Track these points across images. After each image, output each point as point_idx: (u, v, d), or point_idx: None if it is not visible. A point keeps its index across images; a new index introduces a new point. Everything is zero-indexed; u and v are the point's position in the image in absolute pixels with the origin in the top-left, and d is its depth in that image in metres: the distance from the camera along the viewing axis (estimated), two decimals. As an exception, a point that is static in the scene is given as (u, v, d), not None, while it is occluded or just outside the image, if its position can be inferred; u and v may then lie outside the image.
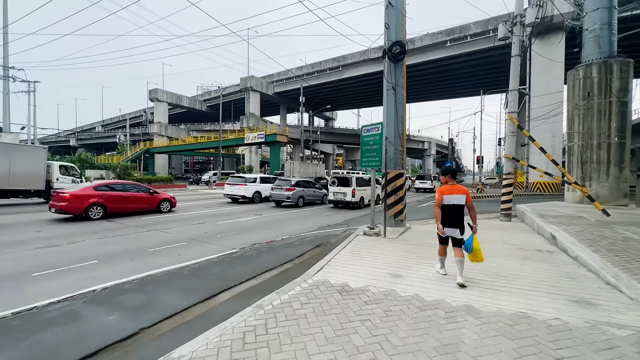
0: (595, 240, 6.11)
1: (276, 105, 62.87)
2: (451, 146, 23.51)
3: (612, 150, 13.47)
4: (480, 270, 4.58)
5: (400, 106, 8.72)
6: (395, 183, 8.68)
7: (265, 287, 4.43)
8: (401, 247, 6.16)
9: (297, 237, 8.35)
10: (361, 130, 7.90)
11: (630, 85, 13.48)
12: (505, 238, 7.41)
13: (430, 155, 73.64)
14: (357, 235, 7.48)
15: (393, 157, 8.76)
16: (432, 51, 37.88)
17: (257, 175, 17.33)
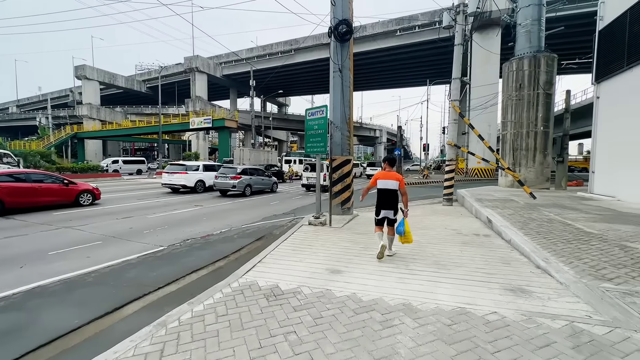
0: (526, 222, 6.42)
1: (225, 89, 59.44)
2: (400, 134, 24.18)
3: (538, 139, 14.74)
4: (423, 259, 4.42)
5: (347, 89, 8.34)
6: (342, 170, 8.37)
7: (186, 292, 3.78)
8: (345, 238, 5.86)
9: (238, 229, 7.68)
10: (305, 114, 7.38)
11: (554, 79, 14.74)
12: (447, 223, 7.56)
13: (381, 142, 76.12)
14: (302, 226, 7.05)
15: (340, 142, 8.41)
16: (384, 39, 38.35)
17: (199, 163, 15.99)
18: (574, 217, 7.06)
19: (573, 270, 3.60)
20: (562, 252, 4.32)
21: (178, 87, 60.29)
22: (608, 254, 4.20)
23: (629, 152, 9.66)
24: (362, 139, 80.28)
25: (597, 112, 11.60)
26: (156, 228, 7.60)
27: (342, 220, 7.64)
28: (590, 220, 6.67)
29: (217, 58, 51.96)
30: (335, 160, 8.41)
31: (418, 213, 9.33)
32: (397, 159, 4.90)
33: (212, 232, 7.28)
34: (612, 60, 10.69)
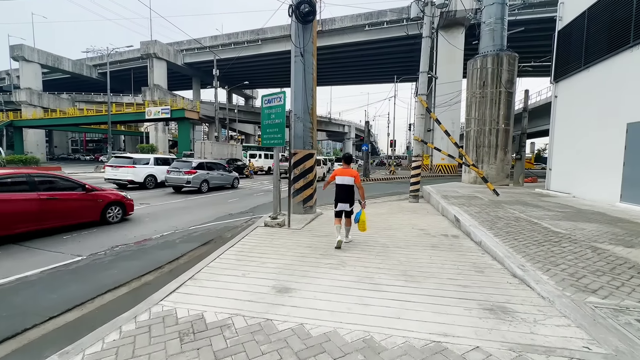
0: (493, 222, 6.13)
1: (188, 79, 56.07)
2: (367, 129, 23.92)
3: (499, 136, 15.03)
4: (389, 268, 3.84)
5: (310, 76, 7.60)
6: (304, 165, 7.65)
7: (87, 324, 2.87)
8: (304, 242, 5.16)
9: (183, 232, 6.69)
10: (261, 101, 6.53)
11: (515, 78, 15.06)
12: (414, 222, 7.14)
13: (350, 138, 76.48)
14: (257, 228, 6.24)
15: (302, 135, 7.67)
16: (352, 33, 37.96)
17: (150, 156, 14.45)
18: (538, 215, 6.93)
19: (553, 280, 3.19)
20: (536, 256, 3.95)
21: (135, 74, 55.82)
22: (583, 258, 3.88)
23: (584, 151, 9.93)
24: (331, 134, 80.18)
25: (555, 111, 11.90)
26: (82, 232, 6.39)
27: (303, 221, 6.93)
28: (555, 218, 6.55)
29: (178, 45, 48.67)
30: (297, 155, 7.67)
31: (384, 211, 8.88)
32: (352, 157, 5.75)
33: (151, 237, 6.24)
34: (570, 60, 10.94)
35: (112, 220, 7.23)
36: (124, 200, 7.55)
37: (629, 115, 8.14)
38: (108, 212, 7.15)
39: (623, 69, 8.40)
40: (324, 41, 39.40)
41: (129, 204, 7.66)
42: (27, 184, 5.83)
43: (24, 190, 5.74)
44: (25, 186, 5.78)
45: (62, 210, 6.25)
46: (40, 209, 5.86)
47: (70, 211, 6.44)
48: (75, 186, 6.65)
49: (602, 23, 9.26)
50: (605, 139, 8.96)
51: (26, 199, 5.69)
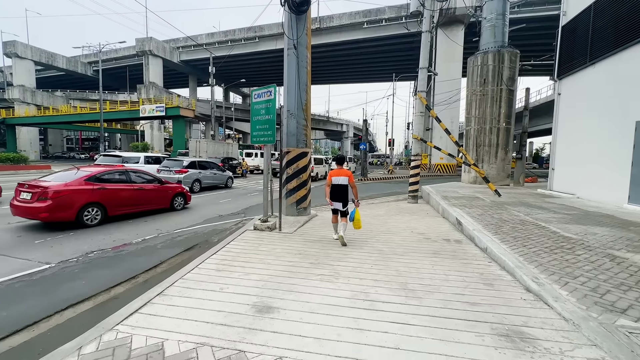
0: (498, 225, 5.73)
1: (184, 76, 55.47)
2: (365, 127, 23.52)
3: (500, 135, 14.66)
4: (386, 280, 3.43)
5: (303, 70, 7.17)
6: (297, 164, 7.23)
7: (34, 347, 2.45)
8: (294, 247, 4.74)
9: (167, 236, 6.25)
10: (250, 96, 6.09)
11: (516, 75, 14.68)
12: (413, 224, 6.74)
13: (348, 137, 76.08)
14: (245, 232, 5.82)
15: (295, 132, 7.24)
16: (350, 31, 37.51)
17: (140, 154, 13.97)
18: (544, 217, 6.55)
19: (573, 297, 2.79)
20: (549, 266, 3.55)
21: (131, 71, 55.14)
22: (602, 269, 3.49)
23: (589, 150, 9.56)
24: (329, 133, 79.76)
25: (558, 109, 11.53)
26: (57, 236, 5.94)
27: (295, 223, 6.51)
28: (562, 221, 6.17)
29: (174, 42, 48.05)
30: (290, 153, 7.24)
31: (382, 212, 8.48)
32: (345, 158, 5.82)
33: (131, 241, 5.80)
34: (574, 57, 10.56)
35: (177, 208, 8.89)
36: (186, 192, 9.24)
37: (638, 112, 7.76)
38: (174, 201, 8.75)
39: (632, 64, 8.03)
40: (321, 39, 38.96)
41: (188, 195, 9.35)
42: (125, 176, 7.65)
43: (124, 181, 7.54)
44: (124, 177, 7.59)
45: (146, 198, 8.00)
46: (133, 196, 7.65)
47: (151, 199, 8.14)
48: (153, 179, 8.38)
49: (609, 17, 8.88)
50: (612, 137, 8.59)
51: (125, 188, 7.48)
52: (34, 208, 6.00)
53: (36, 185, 6.21)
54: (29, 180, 6.64)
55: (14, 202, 6.27)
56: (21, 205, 6.12)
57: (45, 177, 6.85)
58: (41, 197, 6.02)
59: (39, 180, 6.53)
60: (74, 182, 6.51)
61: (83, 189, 6.56)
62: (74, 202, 6.34)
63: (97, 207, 6.76)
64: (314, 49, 40.89)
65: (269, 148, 5.99)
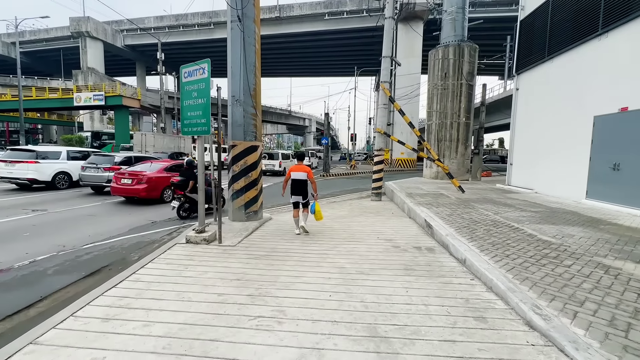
0: (471, 228, 5.14)
1: (131, 63, 50.47)
2: (327, 121, 22.74)
3: (460, 130, 14.61)
4: (351, 321, 2.52)
5: (251, 48, 6.01)
6: (245, 160, 6.10)
7: None
8: (233, 269, 3.68)
9: (71, 253, 4.82)
10: (180, 74, 4.84)
11: (475, 70, 14.68)
12: (379, 228, 5.97)
13: (310, 132, 75.28)
14: (175, 245, 4.61)
15: (242, 122, 6.09)
16: (312, 22, 36.39)
17: (62, 149, 11.73)
18: (514, 216, 6.14)
19: (595, 339, 2.10)
20: (545, 286, 2.90)
21: (66, 55, 48.93)
22: (603, 287, 2.92)
23: (547, 145, 9.57)
24: (291, 127, 78.36)
25: (516, 104, 11.55)
26: None
27: (242, 232, 5.41)
28: (533, 220, 5.78)
29: (118, 24, 43.31)
30: (236, 147, 6.08)
31: (344, 212, 7.65)
32: (304, 154, 6.09)
33: (13, 265, 4.31)
34: (532, 51, 10.53)
35: None
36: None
37: (596, 107, 7.72)
38: None
39: (590, 59, 7.97)
40: (281, 29, 37.40)
41: None
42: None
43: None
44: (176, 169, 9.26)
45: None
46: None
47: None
48: None
49: (567, 11, 8.81)
50: (571, 132, 8.57)
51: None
52: (135, 189, 8.57)
53: (134, 173, 8.74)
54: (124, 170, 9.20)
55: (115, 186, 8.79)
56: (123, 187, 8.67)
57: (133, 167, 9.50)
58: (140, 181, 8.62)
59: (133, 171, 8.93)
60: (158, 171, 9.02)
61: (163, 176, 9.04)
62: (159, 185, 8.93)
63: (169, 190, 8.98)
64: (274, 39, 39.21)
65: (202, 141, 4.79)
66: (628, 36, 6.90)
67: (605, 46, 7.49)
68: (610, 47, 7.34)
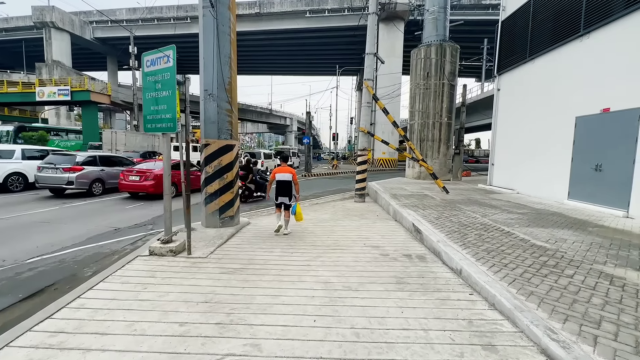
0: (462, 233, 4.86)
1: (102, 58, 47.85)
2: (309, 120, 22.29)
3: (442, 130, 14.58)
4: (341, 357, 2.09)
5: (225, 38, 5.48)
6: (219, 160, 5.56)
7: None
8: (201, 288, 3.17)
9: (10, 269, 4.12)
10: (142, 62, 4.24)
11: (457, 70, 14.69)
12: (365, 233, 5.61)
13: (292, 131, 74.47)
14: (136, 258, 4.03)
15: (216, 119, 5.54)
16: (293, 19, 35.77)
17: (16, 147, 10.64)
18: (502, 219, 5.95)
19: (624, 371, 1.77)
20: (553, 302, 2.62)
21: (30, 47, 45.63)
22: (614, 302, 2.67)
23: (528, 146, 9.57)
24: (272, 126, 77.22)
25: (498, 104, 11.58)
26: None
27: (216, 239, 4.88)
28: (522, 223, 5.60)
29: (86, 15, 40.89)
30: (209, 147, 5.53)
31: (327, 216, 7.25)
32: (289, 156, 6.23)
33: None
34: (514, 52, 10.55)
35: None
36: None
37: (578, 108, 7.72)
38: None
39: (572, 60, 7.98)
40: (262, 25, 36.56)
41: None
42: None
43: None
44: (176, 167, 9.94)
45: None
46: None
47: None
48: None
49: (549, 11, 8.82)
50: (553, 133, 8.57)
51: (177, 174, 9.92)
52: (143, 185, 9.32)
53: (142, 171, 9.51)
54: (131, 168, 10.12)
55: (123, 182, 9.46)
56: (131, 183, 9.39)
57: (140, 165, 10.28)
58: (148, 178, 9.34)
59: (141, 169, 9.73)
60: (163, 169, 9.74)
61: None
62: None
63: (174, 186, 9.61)
64: (254, 35, 38.27)
65: (168, 139, 4.22)
66: (610, 37, 6.90)
67: (587, 47, 7.50)
68: (593, 47, 7.34)
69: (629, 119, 6.38)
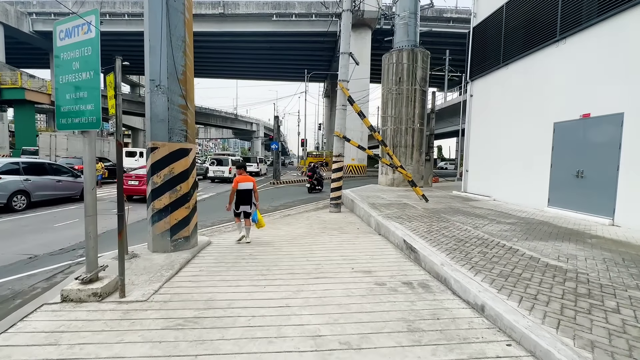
0: (463, 251, 4.21)
1: (43, 54, 43.08)
2: (277, 125, 21.26)
3: (415, 136, 14.34)
4: None
5: (178, 16, 4.42)
6: (171, 168, 4.44)
7: None
8: (134, 359, 2.10)
9: None
10: (54, 35, 3.09)
11: (428, 76, 14.60)
12: (349, 252, 4.79)
13: (258, 137, 72.62)
14: (42, 306, 2.83)
15: (165, 116, 4.43)
16: (259, 22, 34.71)
17: None
18: (495, 231, 5.45)
19: None
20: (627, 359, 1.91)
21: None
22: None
23: (505, 152, 9.43)
24: (238, 132, 74.84)
25: (471, 110, 11.48)
26: None
27: (164, 270, 3.76)
28: (519, 236, 5.12)
29: (24, 5, 36.60)
30: (158, 151, 4.40)
31: (302, 231, 6.35)
32: (245, 165, 5.81)
33: None
34: (486, 58, 10.49)
35: None
36: None
37: (556, 114, 7.60)
38: None
39: (548, 65, 7.89)
40: (227, 26, 35.06)
41: None
42: None
43: None
44: None
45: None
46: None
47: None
48: None
49: (522, 17, 8.77)
50: (530, 139, 8.43)
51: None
52: (143, 189, 9.87)
53: (140, 175, 10.50)
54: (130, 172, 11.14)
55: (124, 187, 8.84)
56: (131, 187, 10.35)
57: (139, 169, 11.46)
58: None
59: (138, 174, 10.66)
60: None
61: None
62: None
63: None
64: (218, 36, 36.56)
65: (92, 138, 3.07)
66: (587, 42, 6.82)
67: (564, 52, 7.41)
68: (570, 53, 7.26)
69: (611, 124, 6.25)
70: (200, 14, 33.70)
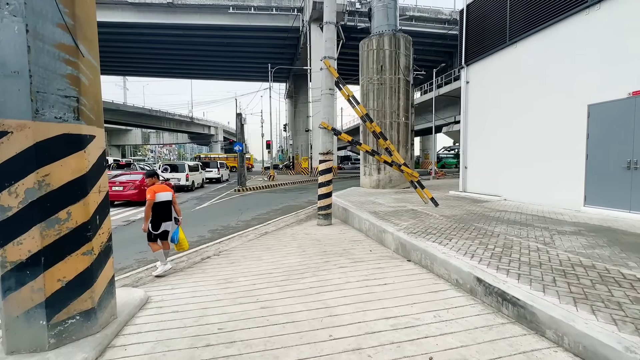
0: (600, 297, 2.42)
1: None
2: (240, 123, 18.66)
3: (401, 131, 12.83)
4: None
5: None
6: (44, 175, 2.10)
7: None
8: None
9: None
10: None
11: (411, 65, 13.21)
12: (393, 308, 2.81)
13: (217, 141, 68.15)
14: None
15: (25, 66, 2.08)
16: (214, 14, 31.63)
17: None
18: (577, 248, 3.81)
19: None
20: None
21: None
22: None
23: (518, 144, 8.07)
24: (195, 136, 69.75)
25: (467, 100, 10.13)
26: None
27: None
28: (602, 254, 3.49)
29: None
30: (10, 138, 2.04)
31: (295, 260, 4.24)
32: (157, 173, 4.44)
33: None
34: (486, 37, 9.17)
35: None
36: None
37: (590, 94, 6.31)
38: None
39: (576, 37, 6.61)
40: (176, 18, 31.49)
41: None
42: None
43: None
44: None
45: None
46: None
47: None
48: None
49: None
50: (552, 127, 7.11)
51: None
52: (127, 194, 10.71)
53: (125, 182, 10.83)
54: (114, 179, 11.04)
55: None
56: (116, 193, 10.53)
57: (120, 176, 11.48)
58: (131, 187, 10.78)
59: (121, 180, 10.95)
60: (142, 180, 10.61)
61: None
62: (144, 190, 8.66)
63: None
64: (167, 29, 32.70)
65: None
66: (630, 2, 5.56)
67: (599, 18, 6.14)
68: (607, 18, 5.99)
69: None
70: (146, 2, 29.94)
